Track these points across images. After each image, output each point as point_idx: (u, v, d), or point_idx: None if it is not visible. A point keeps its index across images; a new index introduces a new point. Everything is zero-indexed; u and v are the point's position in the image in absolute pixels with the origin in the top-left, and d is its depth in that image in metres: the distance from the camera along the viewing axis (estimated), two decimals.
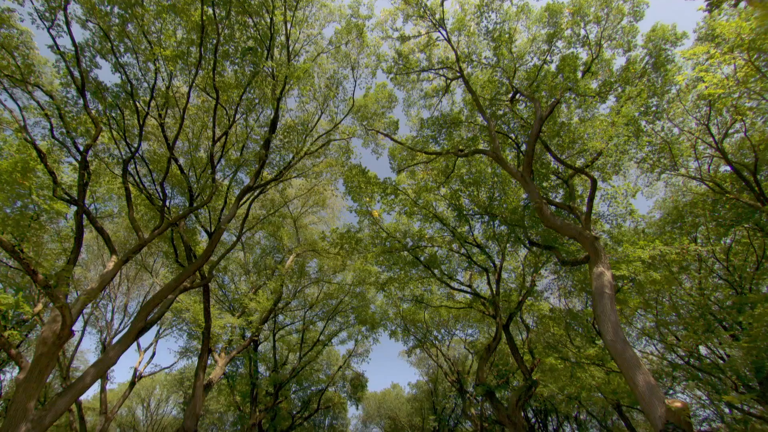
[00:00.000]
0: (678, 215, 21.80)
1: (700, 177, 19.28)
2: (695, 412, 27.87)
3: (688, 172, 19.72)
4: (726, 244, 21.22)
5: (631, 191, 19.03)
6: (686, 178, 20.48)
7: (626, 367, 13.02)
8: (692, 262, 21.46)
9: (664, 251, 16.39)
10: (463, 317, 34.17)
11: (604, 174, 19.00)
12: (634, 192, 19.14)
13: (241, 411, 35.55)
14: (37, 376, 14.08)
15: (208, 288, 23.40)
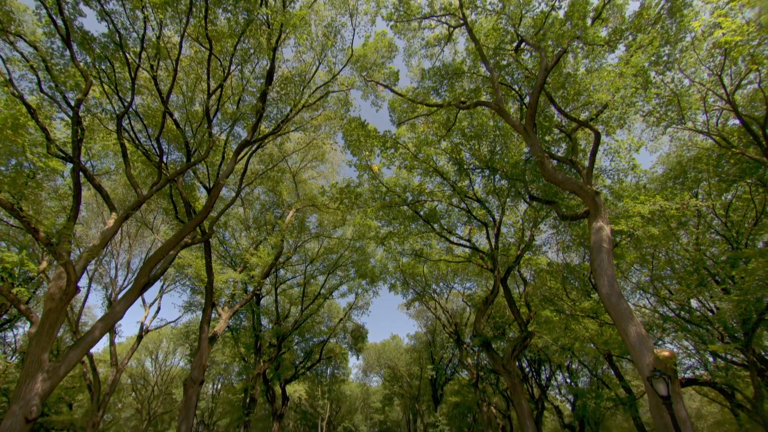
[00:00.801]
0: (681, 170, 21.58)
1: (707, 131, 18.85)
2: (681, 360, 29.01)
3: (695, 126, 19.27)
4: (726, 200, 21.17)
5: (635, 145, 18.68)
6: (693, 132, 20.05)
7: (619, 319, 13.39)
8: (691, 218, 21.50)
9: (664, 206, 16.32)
10: (461, 271, 34.76)
11: (608, 128, 18.59)
12: (638, 146, 18.78)
13: (245, 362, 37.04)
14: (47, 330, 14.53)
15: (209, 244, 23.61)
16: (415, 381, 49.23)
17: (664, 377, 8.95)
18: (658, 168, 23.97)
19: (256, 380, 31.76)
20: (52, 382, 14.17)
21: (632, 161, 19.61)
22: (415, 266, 33.28)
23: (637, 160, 19.95)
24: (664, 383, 8.88)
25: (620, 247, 21.94)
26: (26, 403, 13.20)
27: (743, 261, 19.70)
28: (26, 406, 13.15)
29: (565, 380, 42.84)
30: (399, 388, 51.38)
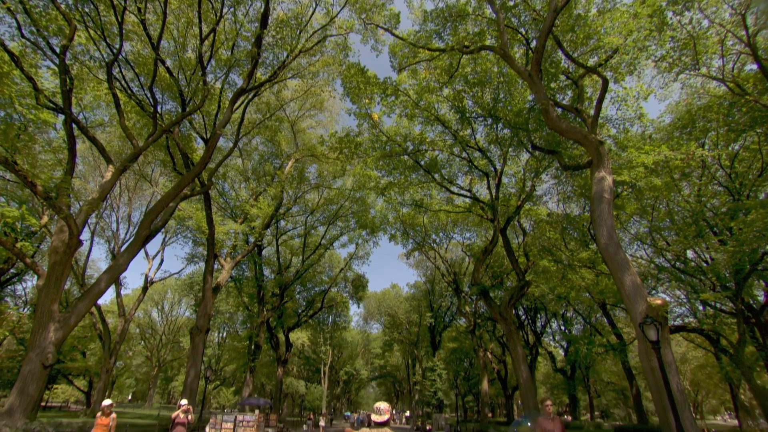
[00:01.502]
0: (689, 119, 21.03)
1: (721, 77, 18.08)
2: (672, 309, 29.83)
3: (709, 72, 18.48)
4: (733, 150, 20.80)
5: (643, 93, 18.04)
6: (706, 78, 19.25)
7: (616, 268, 13.60)
8: (695, 169, 21.24)
9: (669, 156, 16.04)
10: (461, 221, 34.95)
11: (617, 74, 17.87)
12: (646, 94, 18.15)
13: (249, 311, 38.19)
14: (54, 282, 14.85)
15: (208, 195, 23.56)
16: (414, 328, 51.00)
17: (655, 323, 9.23)
18: (665, 117, 23.36)
19: (260, 328, 32.91)
20: (63, 332, 14.69)
21: (639, 110, 19.04)
22: (415, 216, 33.41)
23: (645, 109, 19.37)
24: (655, 329, 9.16)
25: (621, 198, 21.86)
26: (42, 350, 13.76)
27: (743, 212, 19.67)
28: (42, 354, 13.73)
29: (559, 327, 44.44)
30: (398, 335, 53.38)
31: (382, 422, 3.98)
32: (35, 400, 13.51)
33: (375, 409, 4.07)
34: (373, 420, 4.03)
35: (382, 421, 3.99)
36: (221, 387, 57.52)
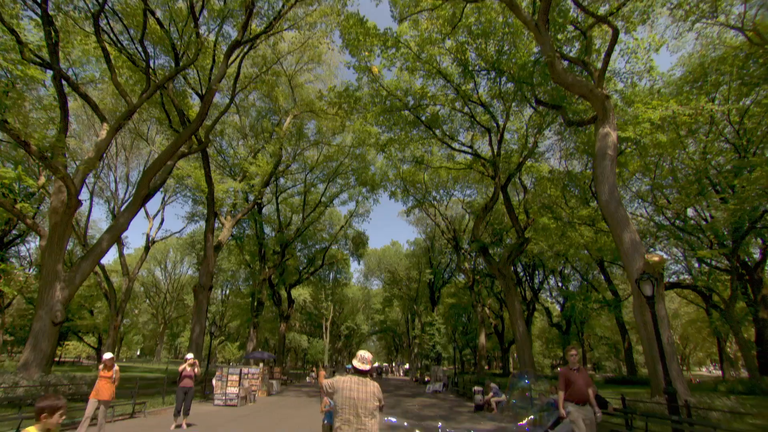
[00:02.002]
0: (702, 72, 20.32)
1: (740, 26, 17.19)
2: (668, 266, 30.25)
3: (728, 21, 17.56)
4: (744, 105, 20.24)
5: (655, 44, 17.28)
6: (724, 27, 18.33)
7: (616, 225, 13.61)
8: (703, 124, 20.77)
9: (677, 111, 15.61)
10: (462, 178, 34.73)
11: (628, 24, 17.02)
12: (658, 45, 17.39)
13: (251, 268, 38.71)
14: (57, 242, 14.91)
15: (206, 153, 23.21)
16: (413, 284, 51.94)
17: (651, 279, 9.32)
18: (676, 70, 22.56)
19: (262, 285, 33.50)
20: (70, 291, 14.93)
21: (649, 63, 18.33)
22: (415, 173, 33.14)
23: (655, 62, 18.65)
24: (651, 285, 9.25)
25: (624, 154, 21.53)
26: (50, 308, 14.05)
27: (748, 170, 19.45)
28: (51, 312, 14.02)
29: (556, 284, 45.26)
30: (398, 291, 54.50)
31: (364, 371, 3.85)
32: (48, 355, 13.96)
33: (359, 357, 3.92)
34: (355, 366, 3.89)
35: (364, 369, 3.86)
36: (226, 342, 59.48)
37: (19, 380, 11.82)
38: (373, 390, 3.72)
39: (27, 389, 11.19)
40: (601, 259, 31.72)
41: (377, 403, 3.72)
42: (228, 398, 14.79)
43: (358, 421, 3.59)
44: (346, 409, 3.63)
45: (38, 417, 2.81)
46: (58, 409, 2.86)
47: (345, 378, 3.80)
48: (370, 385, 3.74)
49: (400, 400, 18.78)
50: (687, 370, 55.53)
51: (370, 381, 3.79)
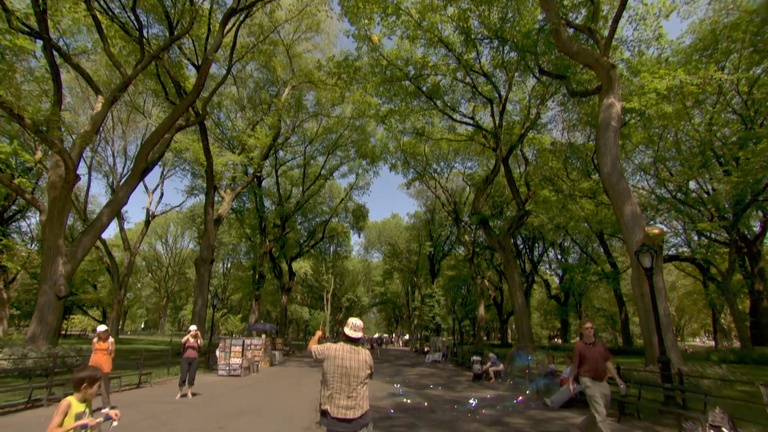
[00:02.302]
0: (712, 40, 19.73)
1: None
2: (667, 239, 30.32)
3: None
4: (755, 74, 19.75)
5: (666, 10, 16.65)
6: None
7: (617, 198, 13.52)
8: (710, 95, 20.34)
9: (685, 81, 15.22)
10: (463, 150, 34.41)
11: None
12: (669, 11, 16.76)
13: (252, 241, 38.87)
14: (57, 217, 14.87)
15: (204, 125, 22.87)
16: (413, 257, 52.36)
17: (650, 251, 9.32)
18: (686, 38, 21.89)
19: (263, 258, 33.73)
20: (72, 265, 15.01)
21: (658, 30, 17.73)
22: (416, 145, 32.80)
23: (664, 29, 18.03)
24: (650, 257, 9.27)
25: (628, 126, 21.19)
26: (54, 282, 14.16)
27: (753, 141, 19.19)
28: (54, 286, 14.14)
29: (556, 256, 45.59)
30: (398, 263, 54.98)
31: (355, 338, 3.76)
32: (54, 328, 14.18)
33: (350, 325, 3.81)
34: (346, 334, 3.80)
35: (355, 337, 3.76)
36: (228, 315, 60.48)
37: (27, 352, 12.05)
38: (365, 358, 3.68)
39: (36, 361, 11.41)
40: (601, 232, 31.79)
41: (368, 371, 3.70)
42: (232, 369, 15.11)
43: (350, 390, 3.57)
44: (336, 378, 3.60)
45: (78, 387, 2.93)
46: (97, 380, 3.01)
47: (336, 345, 3.72)
48: (361, 354, 3.68)
49: (400, 370, 19.20)
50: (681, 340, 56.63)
51: (362, 349, 3.74)
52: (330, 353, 3.66)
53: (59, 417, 2.76)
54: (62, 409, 2.79)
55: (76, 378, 2.95)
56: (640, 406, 8.52)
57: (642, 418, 8.33)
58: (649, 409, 8.62)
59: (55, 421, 2.73)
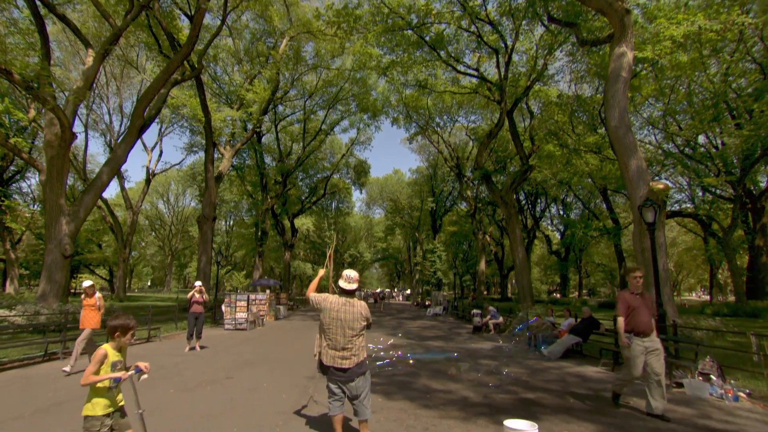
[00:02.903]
0: None
1: None
2: (671, 195, 30.14)
3: None
4: None
5: None
6: None
7: (623, 152, 13.22)
8: (730, 42, 19.35)
9: (704, 27, 14.44)
10: (466, 103, 33.55)
11: None
12: None
13: (253, 199, 38.86)
14: (56, 177, 14.73)
15: (200, 80, 22.20)
16: (415, 212, 52.46)
17: (654, 206, 9.24)
18: None
19: (266, 215, 33.86)
20: (75, 224, 15.05)
21: None
22: (418, 98, 31.92)
23: None
24: (653, 212, 9.19)
25: (639, 77, 20.38)
26: (59, 242, 14.26)
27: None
28: (60, 245, 14.25)
29: (558, 212, 45.62)
30: (400, 219, 55.20)
31: (350, 290, 3.80)
32: (63, 286, 14.46)
33: (344, 277, 3.83)
34: (341, 286, 3.85)
35: (350, 289, 3.80)
36: (233, 271, 61.63)
37: (39, 309, 12.36)
38: (360, 310, 3.73)
39: (48, 317, 11.73)
40: (604, 188, 31.59)
41: (364, 322, 3.76)
42: (238, 323, 15.54)
43: (345, 341, 3.67)
44: (332, 329, 3.70)
45: (112, 335, 2.96)
46: (130, 329, 3.02)
47: (333, 297, 3.79)
48: (356, 306, 3.74)
49: (401, 323, 19.75)
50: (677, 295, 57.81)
51: (357, 301, 3.79)
52: (326, 305, 3.75)
53: (95, 365, 2.79)
54: (98, 357, 2.82)
55: (109, 326, 2.96)
56: None
57: None
58: None
59: (91, 369, 2.77)
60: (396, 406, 5.40)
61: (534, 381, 7.18)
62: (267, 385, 6.57)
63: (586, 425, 4.70)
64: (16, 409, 5.07)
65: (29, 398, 5.59)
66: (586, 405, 5.67)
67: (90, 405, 2.80)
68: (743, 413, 5.43)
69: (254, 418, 4.83)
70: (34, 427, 4.41)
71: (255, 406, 5.33)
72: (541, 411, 5.24)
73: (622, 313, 5.27)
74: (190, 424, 4.54)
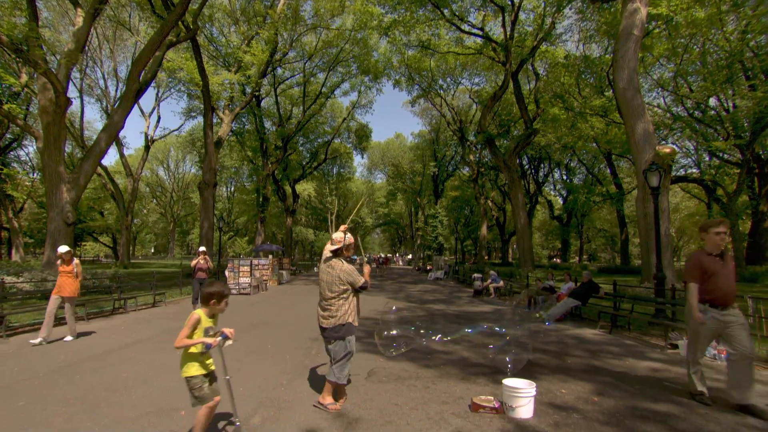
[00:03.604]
0: None
1: None
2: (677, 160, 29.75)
3: None
4: None
5: None
6: None
7: (630, 114, 12.95)
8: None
9: None
10: (470, 65, 32.59)
11: None
12: None
13: (254, 164, 38.56)
14: (54, 144, 14.53)
15: (196, 42, 21.48)
16: (417, 177, 52.11)
17: (659, 170, 9.15)
18: None
19: (266, 181, 33.72)
20: (76, 192, 15.00)
21: None
22: (421, 60, 31.01)
23: None
24: (658, 176, 9.12)
25: (651, 36, 19.64)
26: (60, 209, 14.27)
27: None
28: (62, 213, 14.27)
29: (561, 177, 45.26)
30: (402, 184, 54.94)
31: (334, 251, 4.04)
32: None
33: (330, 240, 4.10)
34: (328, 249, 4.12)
35: (333, 249, 4.04)
36: (235, 237, 62.04)
37: (46, 276, 12.54)
38: (338, 274, 3.88)
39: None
40: (609, 152, 31.19)
41: (343, 286, 3.87)
42: (241, 287, 15.80)
43: (325, 303, 3.96)
44: (320, 289, 4.07)
45: (207, 302, 3.02)
46: (225, 297, 3.07)
47: (326, 260, 4.05)
48: (336, 269, 3.91)
49: (403, 287, 20.07)
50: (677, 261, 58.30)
51: (339, 264, 3.94)
52: (320, 267, 4.12)
53: (188, 329, 2.88)
54: (192, 322, 2.90)
55: (205, 293, 3.03)
56: (631, 318, 8.91)
57: (632, 330, 8.77)
58: (639, 322, 9.05)
59: (185, 332, 2.87)
60: (398, 366, 5.54)
61: (533, 343, 7.34)
62: (271, 347, 6.74)
63: (583, 384, 4.83)
64: (30, 370, 5.23)
65: (42, 360, 5.76)
66: (583, 365, 5.81)
67: (186, 368, 2.96)
68: None
69: (259, 377, 4.98)
70: (48, 386, 4.56)
71: (260, 367, 5.49)
72: (539, 371, 5.38)
73: (696, 279, 4.20)
74: None
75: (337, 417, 3.72)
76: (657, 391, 4.65)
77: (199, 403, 2.96)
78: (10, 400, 4.09)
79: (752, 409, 3.86)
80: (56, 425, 3.46)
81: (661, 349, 7.00)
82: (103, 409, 3.84)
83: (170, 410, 3.83)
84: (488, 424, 3.57)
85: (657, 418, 3.80)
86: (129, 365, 5.48)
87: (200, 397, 2.95)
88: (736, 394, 4.02)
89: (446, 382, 4.90)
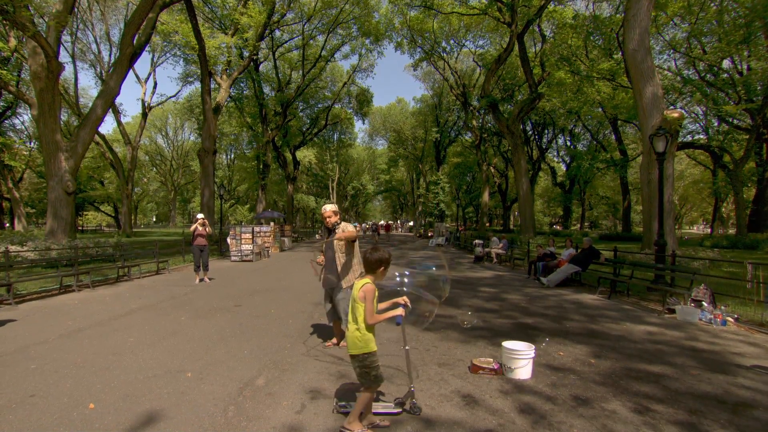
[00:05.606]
0: None
1: None
2: (685, 125, 29.24)
3: None
4: None
5: None
6: None
7: (639, 77, 12.58)
8: None
9: None
10: (475, 26, 31.47)
11: None
12: None
13: (253, 131, 38.05)
14: (48, 111, 14.27)
15: (190, 3, 20.67)
16: (419, 143, 51.50)
17: (666, 135, 8.97)
18: None
19: (267, 147, 33.36)
20: (74, 160, 14.87)
21: None
22: (423, 21, 29.94)
23: None
24: (665, 141, 8.93)
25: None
26: (60, 178, 14.20)
27: None
28: (62, 182, 14.20)
29: (565, 143, 44.68)
30: (404, 151, 54.39)
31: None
32: (70, 223, 14.64)
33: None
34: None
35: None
36: (236, 205, 62.16)
37: (49, 245, 12.64)
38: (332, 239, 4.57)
39: (59, 252, 12.01)
40: (615, 118, 30.61)
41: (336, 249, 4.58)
42: (243, 254, 15.94)
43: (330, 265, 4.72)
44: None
45: (375, 270, 2.84)
46: (388, 263, 2.90)
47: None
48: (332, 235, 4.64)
49: (404, 253, 20.22)
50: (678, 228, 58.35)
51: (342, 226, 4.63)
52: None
53: (371, 303, 2.70)
54: (372, 295, 2.71)
55: (374, 260, 2.82)
56: (630, 284, 9.00)
57: (630, 295, 8.87)
58: (638, 287, 9.14)
59: (370, 307, 2.69)
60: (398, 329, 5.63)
61: (532, 307, 7.45)
62: (274, 311, 6.86)
63: (580, 347, 4.93)
64: (40, 335, 5.35)
65: (51, 326, 5.88)
66: (581, 329, 5.91)
67: (364, 343, 2.76)
68: (728, 335, 5.67)
69: (263, 341, 5.09)
70: (58, 349, 4.67)
71: (263, 330, 5.60)
72: (538, 334, 5.48)
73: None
74: (203, 347, 4.79)
75: (338, 378, 3.83)
76: (652, 353, 4.74)
77: (375, 384, 2.79)
78: (23, 363, 4.21)
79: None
80: (66, 387, 3.56)
81: (659, 314, 7.10)
82: (112, 371, 3.95)
83: (177, 372, 3.93)
84: (487, 385, 3.67)
85: (651, 378, 3.89)
86: (135, 330, 5.60)
87: (378, 376, 2.78)
88: None
89: (446, 344, 5.00)
